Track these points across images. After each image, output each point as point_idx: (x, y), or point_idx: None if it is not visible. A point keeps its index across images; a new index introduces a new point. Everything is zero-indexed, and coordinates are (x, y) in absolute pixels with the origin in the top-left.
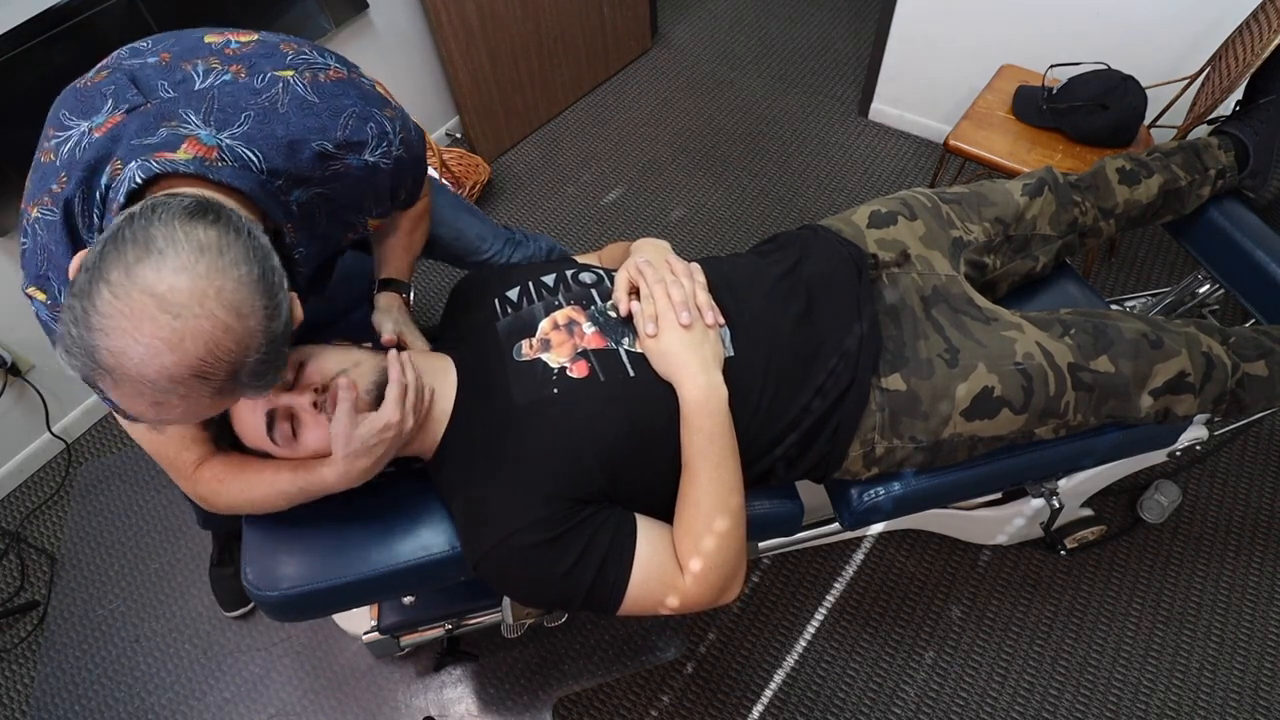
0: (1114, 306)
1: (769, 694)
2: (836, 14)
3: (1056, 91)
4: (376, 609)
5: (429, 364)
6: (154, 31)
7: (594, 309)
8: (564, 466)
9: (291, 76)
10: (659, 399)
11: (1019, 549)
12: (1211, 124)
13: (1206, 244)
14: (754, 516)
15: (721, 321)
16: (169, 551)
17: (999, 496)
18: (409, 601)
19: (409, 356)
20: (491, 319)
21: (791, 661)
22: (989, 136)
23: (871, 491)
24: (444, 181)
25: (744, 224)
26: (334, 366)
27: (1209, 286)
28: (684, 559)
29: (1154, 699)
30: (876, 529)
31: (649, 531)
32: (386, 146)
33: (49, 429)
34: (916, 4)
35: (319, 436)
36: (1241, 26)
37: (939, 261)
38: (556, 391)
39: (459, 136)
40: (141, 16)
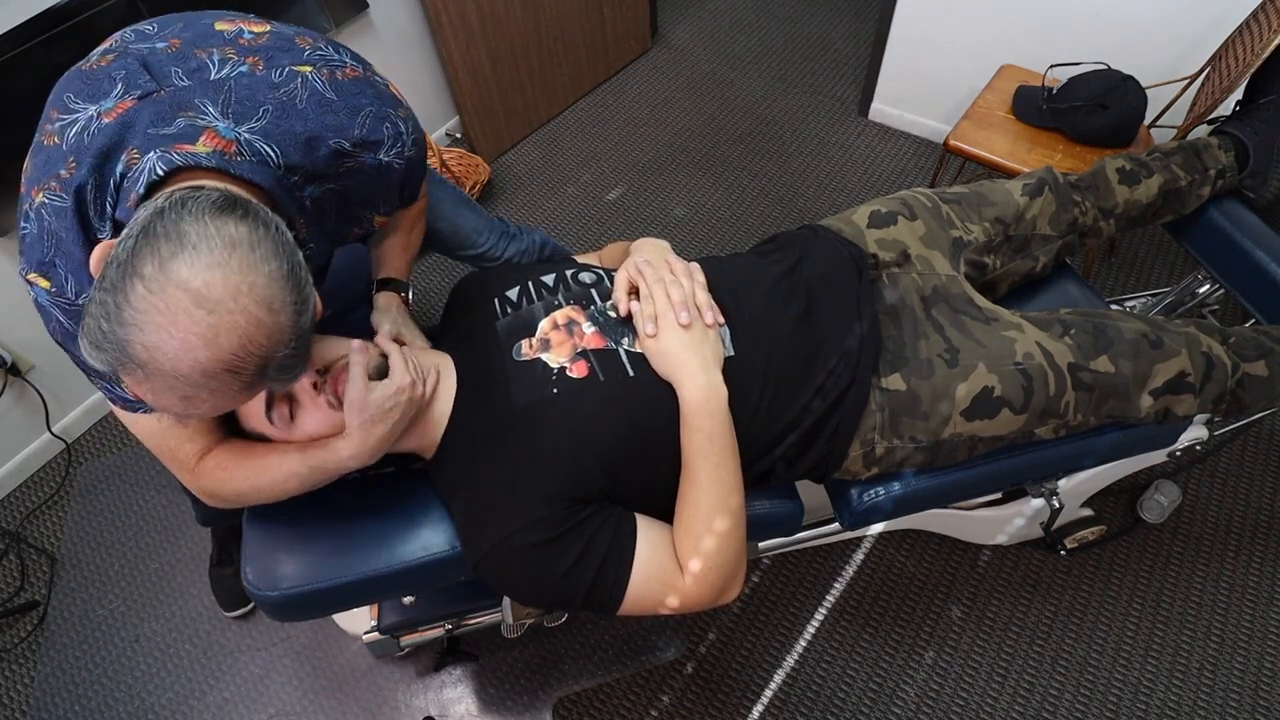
0: (1114, 306)
1: (769, 694)
2: (836, 14)
3: (1056, 91)
4: (376, 609)
5: (429, 362)
6: None
7: (594, 309)
8: (564, 466)
9: (309, 72)
10: (659, 399)
11: (1019, 549)
12: (1211, 124)
13: (1206, 244)
14: (754, 516)
15: (721, 321)
16: (169, 551)
17: (999, 496)
18: (409, 601)
19: (406, 349)
20: (491, 319)
21: (791, 661)
22: (989, 136)
23: (871, 491)
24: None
25: (744, 224)
26: (334, 351)
27: (1209, 286)
28: (684, 559)
29: (1154, 699)
30: (876, 529)
31: (649, 531)
32: (400, 147)
33: (49, 429)
34: (916, 4)
35: (317, 419)
36: (1241, 26)
37: (939, 261)
38: (556, 391)
39: (459, 136)
40: (141, 16)
